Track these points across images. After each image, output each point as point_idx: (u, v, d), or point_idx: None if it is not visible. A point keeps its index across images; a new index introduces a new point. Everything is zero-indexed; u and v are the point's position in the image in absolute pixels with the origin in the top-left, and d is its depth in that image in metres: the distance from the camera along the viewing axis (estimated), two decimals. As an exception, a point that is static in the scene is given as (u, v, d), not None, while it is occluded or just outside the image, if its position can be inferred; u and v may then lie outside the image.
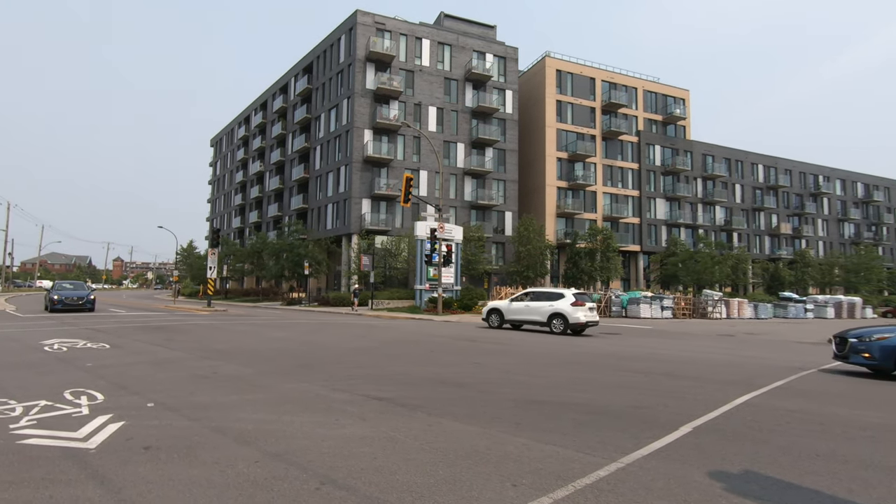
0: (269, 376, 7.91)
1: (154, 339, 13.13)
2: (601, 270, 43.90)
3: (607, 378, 8.25)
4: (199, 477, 3.68)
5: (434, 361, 9.81)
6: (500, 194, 47.79)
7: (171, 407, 5.78)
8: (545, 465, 4.03)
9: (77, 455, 4.11)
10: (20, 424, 4.96)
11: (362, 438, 4.66)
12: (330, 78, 46.97)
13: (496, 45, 48.67)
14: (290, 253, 42.17)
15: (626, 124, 53.79)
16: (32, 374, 7.76)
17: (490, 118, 47.64)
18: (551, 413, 5.77)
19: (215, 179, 79.18)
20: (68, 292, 25.11)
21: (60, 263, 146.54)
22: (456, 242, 30.24)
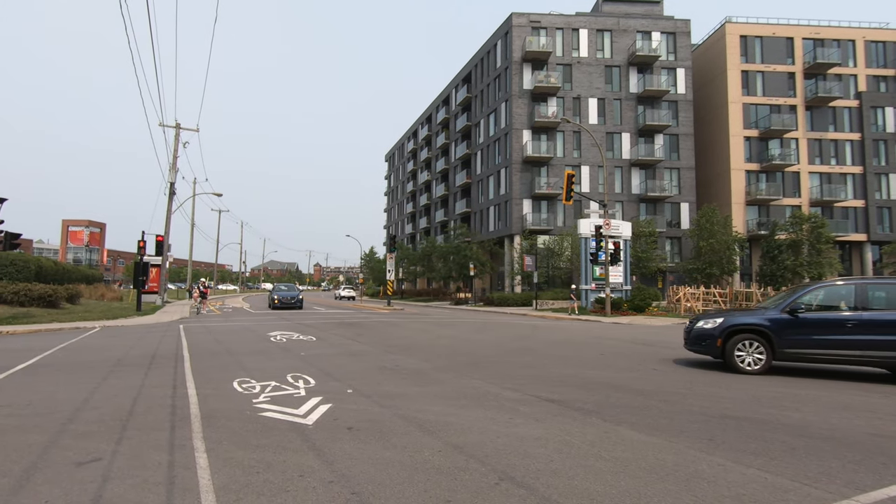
0: (444, 371, 8.45)
1: (347, 333, 15.13)
2: (809, 266, 36.53)
3: (828, 396, 6.84)
4: (392, 459, 4.12)
5: (606, 365, 9.34)
6: (674, 184, 43.36)
7: (365, 394, 6.59)
8: (748, 492, 3.52)
9: (299, 429, 4.96)
10: (259, 399, 6.19)
11: (536, 439, 4.67)
12: (488, 84, 48.29)
13: (663, 20, 44.36)
14: (456, 255, 44.48)
15: (839, 87, 44.00)
16: (264, 360, 9.61)
17: (658, 102, 43.61)
18: (752, 432, 5.01)
19: (390, 191, 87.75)
20: (284, 293, 30.66)
21: (277, 269, 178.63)
22: (624, 239, 28.34)
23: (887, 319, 7.89)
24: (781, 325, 8.36)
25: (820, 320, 8.24)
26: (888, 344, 7.80)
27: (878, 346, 7.84)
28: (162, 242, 28.10)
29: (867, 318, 7.96)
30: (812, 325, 8.23)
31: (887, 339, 7.81)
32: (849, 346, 7.95)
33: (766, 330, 8.42)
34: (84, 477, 3.71)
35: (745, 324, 8.61)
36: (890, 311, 7.95)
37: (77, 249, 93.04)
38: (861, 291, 8.20)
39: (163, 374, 8.01)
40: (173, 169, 29.55)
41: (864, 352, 7.92)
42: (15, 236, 16.98)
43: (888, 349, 7.80)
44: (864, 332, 7.90)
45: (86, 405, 5.92)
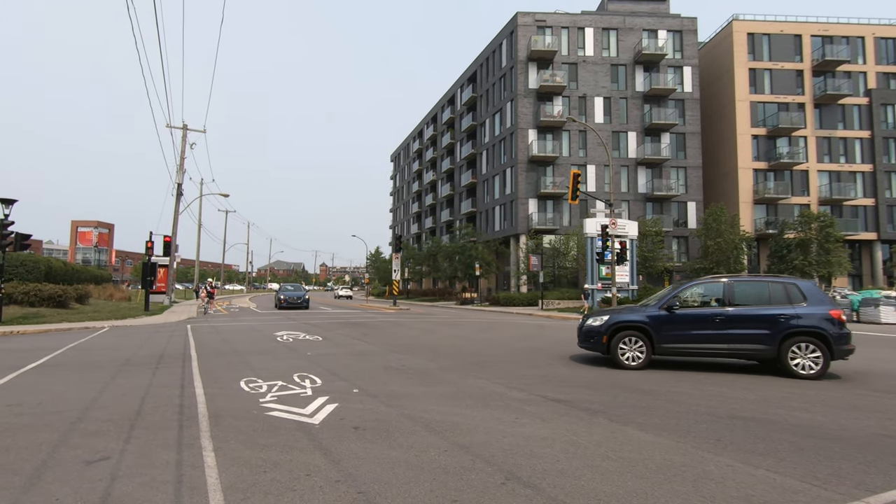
0: (450, 371, 8.45)
1: (353, 333, 15.16)
2: (818, 265, 36.23)
3: (836, 396, 6.78)
4: (398, 458, 4.13)
5: (613, 364, 9.29)
6: (680, 183, 43.12)
7: (371, 394, 6.60)
8: (757, 493, 3.50)
9: (306, 428, 4.98)
10: (266, 399, 6.22)
11: (543, 439, 4.66)
12: (493, 83, 48.23)
13: (669, 18, 44.12)
14: (461, 255, 44.46)
15: (848, 84, 43.56)
16: (271, 359, 9.66)
17: (665, 101, 43.37)
18: (760, 433, 4.98)
19: (395, 191, 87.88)
20: (290, 293, 30.79)
21: (283, 269, 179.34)
22: (630, 238, 28.21)
23: (750, 314, 8.40)
24: (659, 321, 8.72)
25: (692, 316, 8.66)
26: (751, 337, 8.30)
27: (742, 340, 8.35)
28: (169, 243, 28.29)
29: (732, 313, 8.45)
30: (686, 321, 8.64)
31: (750, 332, 8.31)
32: (718, 339, 8.44)
33: (646, 326, 8.74)
34: (93, 475, 3.74)
35: (628, 321, 8.87)
36: (753, 306, 8.48)
37: (86, 250, 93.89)
38: (729, 288, 8.71)
39: (171, 374, 8.06)
40: (180, 170, 29.75)
41: (730, 345, 8.42)
42: (25, 237, 17.15)
43: (751, 342, 8.31)
44: (730, 326, 8.39)
45: (95, 404, 5.97)
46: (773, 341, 8.19)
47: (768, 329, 8.23)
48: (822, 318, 8.15)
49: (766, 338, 8.22)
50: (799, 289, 8.48)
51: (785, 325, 8.16)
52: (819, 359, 8.02)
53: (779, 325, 8.19)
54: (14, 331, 14.70)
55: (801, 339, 8.10)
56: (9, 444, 4.46)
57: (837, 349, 8.05)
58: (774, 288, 8.58)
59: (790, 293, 8.44)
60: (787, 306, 8.31)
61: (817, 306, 8.25)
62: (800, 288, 8.50)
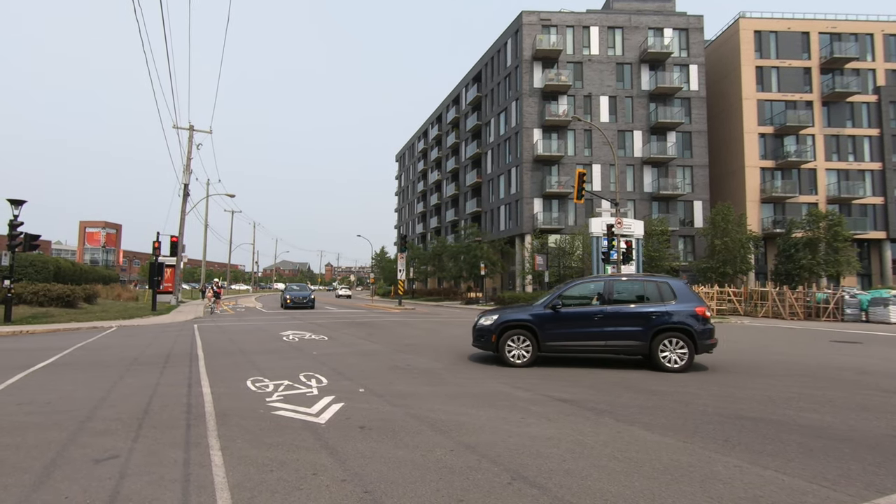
0: (455, 371, 8.45)
1: (359, 333, 15.19)
2: (826, 264, 35.90)
3: (845, 397, 6.72)
4: (404, 458, 4.13)
5: (618, 364, 9.26)
6: (687, 182, 42.86)
7: (377, 393, 6.61)
8: (766, 494, 3.47)
9: (312, 428, 4.99)
10: (273, 398, 6.24)
11: (549, 439, 4.65)
12: (498, 83, 48.16)
13: (675, 17, 43.87)
14: (466, 255, 44.43)
15: (857, 81, 43.12)
16: (277, 359, 9.70)
17: (671, 99, 43.14)
18: (768, 433, 4.94)
19: (400, 190, 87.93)
20: (296, 293, 30.92)
21: (289, 269, 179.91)
22: (636, 238, 28.06)
23: (626, 312, 8.72)
24: (544, 319, 8.90)
25: (575, 314, 8.91)
26: (627, 334, 8.60)
27: (619, 336, 8.64)
28: (176, 243, 28.47)
29: (610, 311, 8.77)
30: (569, 320, 8.87)
31: (626, 329, 8.62)
32: (597, 336, 8.71)
33: (532, 325, 8.90)
34: (102, 474, 3.77)
35: (515, 320, 9.00)
36: (629, 304, 8.82)
37: (94, 250, 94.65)
38: (609, 287, 9.08)
39: (178, 373, 8.11)
40: (187, 170, 29.92)
41: (608, 341, 8.69)
42: (34, 238, 17.31)
43: (627, 338, 8.61)
44: (608, 324, 8.68)
45: (103, 403, 6.02)
46: (646, 337, 8.52)
47: (642, 326, 8.56)
48: (689, 314, 8.54)
49: (640, 334, 8.56)
50: (670, 287, 8.87)
51: (656, 322, 8.53)
52: (685, 353, 8.43)
53: (651, 321, 8.55)
54: (23, 330, 14.84)
55: (670, 334, 8.49)
56: (19, 443, 4.51)
57: (701, 343, 8.50)
58: (649, 286, 8.97)
59: (662, 291, 8.83)
60: (659, 304, 8.68)
61: (685, 303, 8.63)
62: (671, 286, 8.88)
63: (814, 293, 25.36)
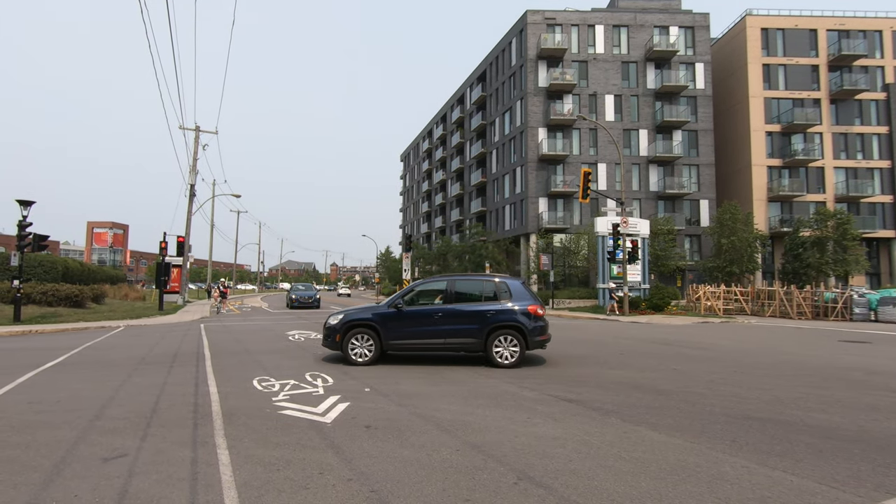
0: (460, 371, 8.43)
1: (364, 332, 15.19)
2: (835, 264, 35.62)
3: (854, 397, 6.66)
4: (410, 457, 4.13)
5: (625, 364, 9.23)
6: (693, 181, 42.64)
7: (382, 393, 6.62)
8: (774, 494, 3.45)
9: (318, 427, 5.01)
10: (279, 398, 6.27)
11: (555, 439, 4.64)
12: (503, 82, 48.09)
13: (681, 14, 43.63)
14: (471, 254, 44.44)
15: (865, 79, 42.72)
16: (283, 358, 9.73)
17: (676, 98, 42.91)
18: (776, 434, 4.91)
19: (405, 190, 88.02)
20: (302, 293, 31.07)
21: (295, 269, 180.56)
22: (642, 237, 27.96)
23: (464, 311, 8.95)
24: (387, 318, 9.04)
25: (417, 313, 9.07)
26: (464, 332, 8.86)
27: (456, 334, 8.88)
28: (183, 243, 28.64)
29: (449, 309, 8.99)
30: (411, 318, 9.02)
31: (463, 328, 8.87)
32: (436, 335, 8.89)
33: (374, 324, 9.01)
34: (111, 472, 3.80)
35: (359, 319, 9.09)
36: (468, 303, 9.05)
37: (101, 250, 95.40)
38: (450, 286, 9.27)
39: (185, 373, 8.16)
40: (193, 171, 30.08)
41: (446, 339, 8.89)
42: (42, 238, 17.47)
43: (464, 336, 8.86)
44: (447, 322, 8.90)
45: (111, 402, 6.06)
46: (482, 335, 8.81)
47: (478, 324, 8.84)
48: (521, 312, 8.85)
49: (476, 332, 8.83)
50: (507, 286, 9.16)
51: (491, 320, 8.82)
52: (517, 349, 8.74)
53: (486, 319, 8.84)
54: (33, 330, 14.99)
55: (503, 331, 8.80)
56: (29, 441, 4.55)
57: (532, 340, 8.83)
58: (488, 286, 9.28)
59: (499, 290, 9.13)
60: (494, 302, 8.99)
61: (519, 302, 8.94)
62: (508, 285, 9.17)
63: (822, 292, 25.16)
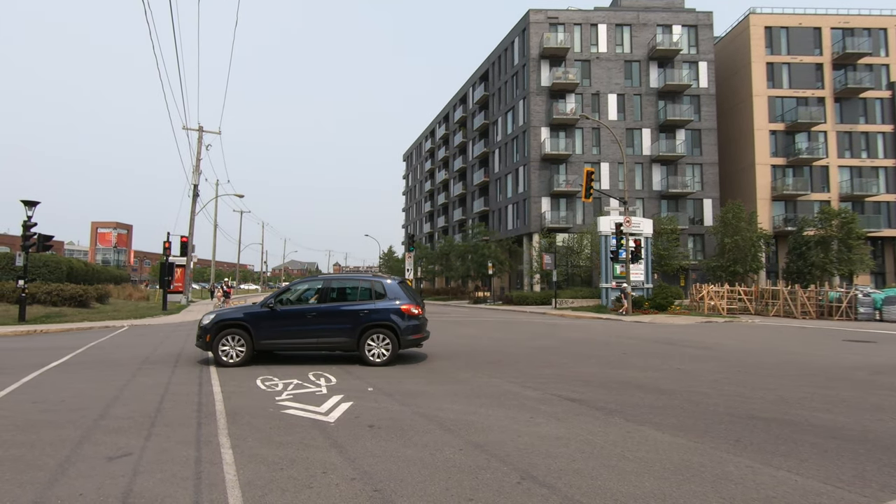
0: (464, 370, 8.45)
1: (367, 332, 15.21)
2: (839, 263, 35.45)
3: (859, 397, 6.63)
4: (413, 457, 4.13)
5: (628, 364, 9.21)
6: (696, 180, 42.49)
7: (386, 392, 6.63)
8: (779, 494, 3.43)
9: (321, 426, 5.02)
10: (282, 397, 6.28)
11: (558, 438, 4.64)
12: (505, 82, 48.04)
13: (684, 13, 43.49)
14: (474, 254, 44.39)
15: (870, 77, 42.49)
16: (286, 358, 9.74)
17: (680, 97, 42.77)
18: (780, 433, 4.89)
19: (408, 190, 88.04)
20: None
21: (297, 269, 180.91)
22: (645, 236, 27.90)
23: (338, 310, 9.03)
24: (259, 318, 8.97)
25: (290, 312, 9.07)
26: (337, 331, 8.93)
27: (329, 334, 8.95)
28: (186, 243, 28.72)
29: (323, 309, 9.06)
30: (285, 318, 9.01)
31: (336, 327, 8.94)
32: (310, 334, 8.92)
33: (246, 324, 8.92)
34: (115, 471, 3.82)
35: (230, 319, 8.99)
36: (342, 302, 9.15)
37: (105, 251, 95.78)
38: (326, 285, 9.38)
39: (188, 372, 8.18)
40: (196, 171, 30.17)
41: (319, 339, 8.95)
42: (47, 238, 17.54)
43: (336, 335, 8.94)
44: (321, 322, 8.95)
45: (116, 402, 6.09)
46: (354, 334, 8.91)
47: (350, 323, 8.93)
48: (394, 311, 9.00)
49: (349, 331, 8.92)
50: (383, 286, 9.32)
51: (364, 319, 8.94)
52: (389, 347, 8.87)
53: (359, 319, 8.94)
54: (37, 329, 15.06)
55: (376, 331, 8.93)
56: (34, 440, 4.57)
57: (404, 339, 8.98)
58: (363, 285, 9.41)
59: (374, 290, 9.27)
60: (369, 302, 9.12)
61: (393, 301, 9.09)
62: (383, 285, 9.33)
63: (826, 292, 25.04)
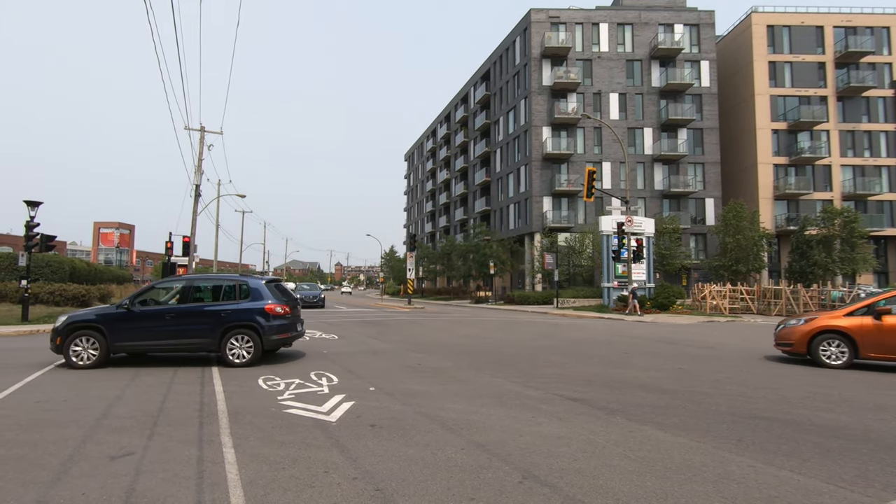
0: (466, 370, 8.45)
1: (369, 332, 15.24)
2: (842, 262, 35.35)
3: (861, 396, 6.62)
4: (415, 456, 4.14)
5: (629, 364, 9.20)
6: (698, 179, 42.41)
7: (387, 392, 6.63)
8: (781, 493, 3.43)
9: (323, 426, 5.02)
10: (284, 397, 6.29)
11: (559, 438, 4.63)
12: (507, 81, 48.01)
13: (686, 12, 43.40)
14: (475, 254, 44.38)
15: (873, 76, 42.35)
16: (287, 357, 9.75)
17: (682, 96, 42.70)
18: (782, 433, 4.88)
19: (409, 190, 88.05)
20: (307, 292, 31.17)
21: (299, 269, 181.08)
22: (646, 236, 27.86)
23: (198, 310, 8.86)
24: (115, 319, 8.74)
25: (148, 314, 8.85)
26: (196, 332, 8.76)
27: (189, 335, 8.78)
28: (188, 243, 28.77)
29: (183, 309, 8.90)
30: (142, 319, 8.80)
31: (196, 328, 8.77)
32: (168, 335, 8.74)
33: (99, 325, 8.70)
34: (118, 470, 3.83)
35: (82, 320, 8.74)
36: (203, 303, 8.98)
37: (108, 251, 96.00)
38: (188, 285, 9.21)
39: (190, 372, 8.20)
40: (198, 171, 30.20)
41: (178, 340, 8.77)
42: (50, 238, 17.59)
43: (196, 336, 8.76)
44: (180, 323, 8.79)
45: (118, 401, 6.10)
46: (216, 334, 8.73)
47: (211, 324, 8.76)
48: (258, 311, 8.88)
49: (209, 331, 8.74)
50: (248, 286, 9.16)
51: (226, 320, 8.79)
52: (251, 348, 8.74)
53: (220, 319, 8.79)
54: (40, 329, 15.11)
55: (239, 331, 8.79)
56: (37, 440, 4.59)
57: (268, 339, 8.86)
58: (227, 286, 9.22)
59: (239, 290, 9.12)
60: (232, 302, 8.97)
61: (257, 301, 8.96)
62: (249, 285, 9.18)
63: (829, 291, 24.99)
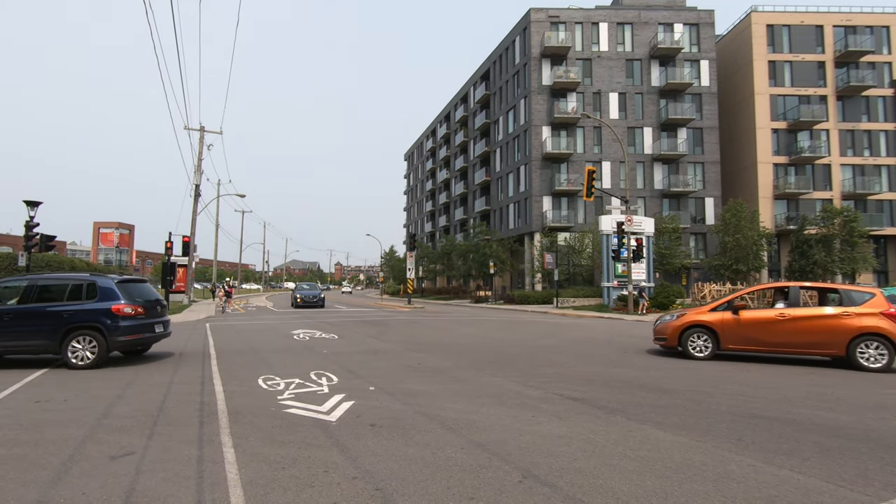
0: (466, 370, 8.45)
1: (369, 332, 15.25)
2: (842, 261, 35.36)
3: (861, 396, 6.62)
4: (415, 456, 4.14)
5: (630, 363, 9.21)
6: (698, 179, 42.42)
7: (387, 391, 6.64)
8: (781, 493, 3.43)
9: (323, 425, 5.02)
10: (284, 396, 6.29)
11: (559, 437, 4.64)
12: (506, 81, 48.01)
13: (686, 11, 43.40)
14: (475, 253, 44.39)
15: (873, 75, 42.35)
16: (288, 357, 9.77)
17: (681, 95, 42.70)
18: (783, 432, 4.88)
19: (409, 189, 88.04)
20: (306, 292, 31.18)
21: (299, 268, 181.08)
22: (646, 235, 27.87)
23: (38, 311, 8.65)
24: None
25: None
26: (35, 333, 8.57)
27: (25, 336, 8.60)
28: (188, 243, 28.77)
29: (20, 309, 8.67)
30: None
31: (35, 329, 8.57)
32: (6, 337, 8.56)
33: None
34: (118, 470, 3.83)
35: None
36: (45, 303, 8.75)
37: (108, 251, 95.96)
38: (31, 284, 8.97)
39: (191, 372, 8.20)
40: (198, 171, 30.21)
41: (14, 342, 8.60)
42: (50, 238, 17.58)
43: (35, 338, 8.58)
44: (17, 323, 8.60)
45: (119, 401, 6.10)
46: (56, 336, 8.54)
47: (52, 325, 8.55)
48: (104, 312, 8.69)
49: (49, 333, 8.54)
50: (95, 285, 8.97)
51: (69, 320, 8.58)
52: (95, 350, 8.55)
53: (62, 320, 8.58)
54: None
55: (82, 332, 8.58)
56: (37, 439, 4.59)
57: (114, 340, 8.67)
58: (74, 286, 8.99)
59: (88, 290, 8.91)
60: (77, 303, 8.77)
61: (104, 301, 8.77)
62: (97, 285, 8.98)
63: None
